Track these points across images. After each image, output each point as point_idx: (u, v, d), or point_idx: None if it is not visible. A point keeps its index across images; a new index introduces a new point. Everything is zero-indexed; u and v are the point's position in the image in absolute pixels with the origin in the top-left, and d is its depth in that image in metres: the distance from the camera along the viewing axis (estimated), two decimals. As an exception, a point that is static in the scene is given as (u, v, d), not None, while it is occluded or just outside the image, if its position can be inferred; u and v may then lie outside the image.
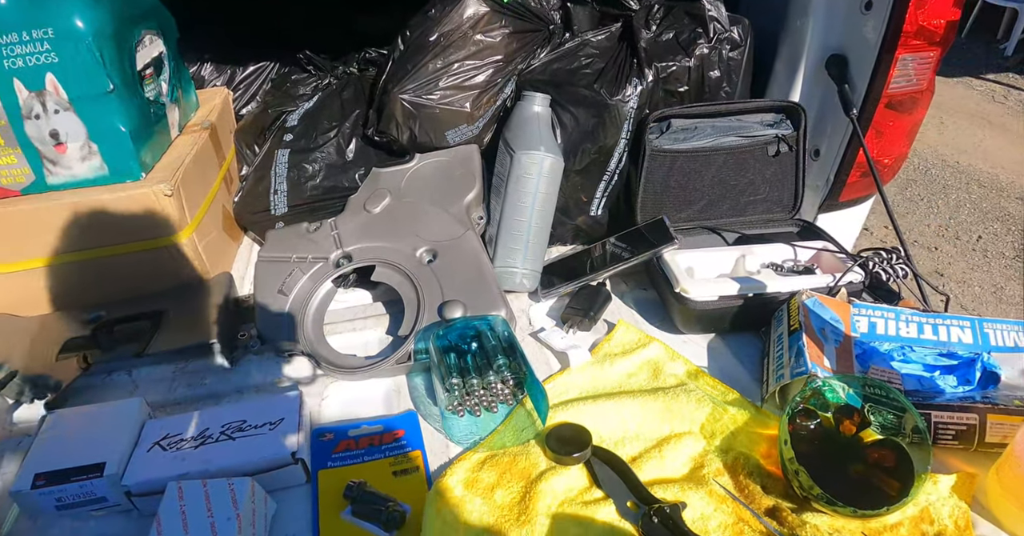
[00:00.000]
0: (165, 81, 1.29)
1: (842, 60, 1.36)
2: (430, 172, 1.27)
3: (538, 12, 1.33)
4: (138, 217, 1.14)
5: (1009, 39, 4.87)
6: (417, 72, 1.25)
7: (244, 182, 1.39)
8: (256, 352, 1.13)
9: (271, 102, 1.49)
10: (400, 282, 1.14)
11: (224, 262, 1.33)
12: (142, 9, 1.23)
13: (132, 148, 1.14)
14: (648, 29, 1.30)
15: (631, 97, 1.22)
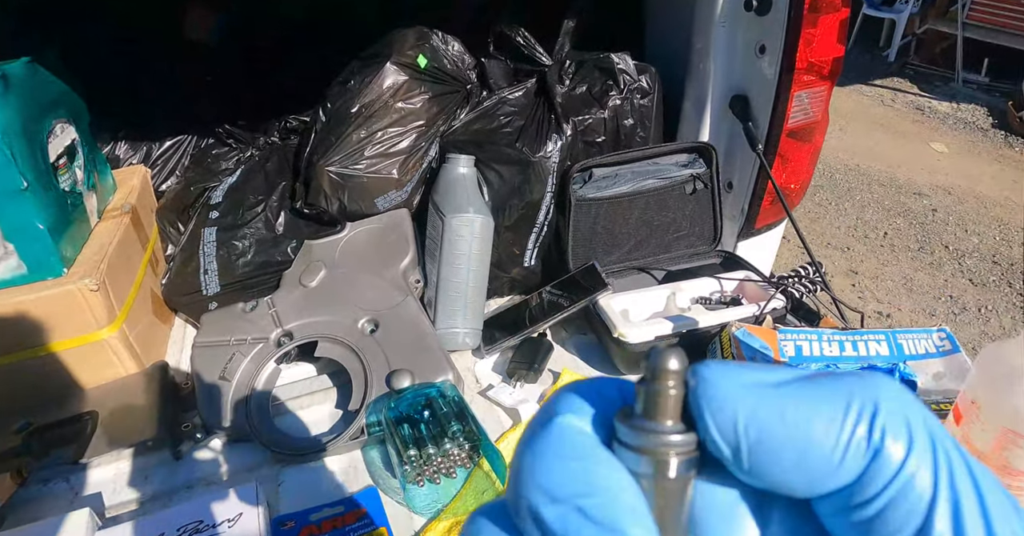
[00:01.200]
0: (80, 168, 1.26)
1: (744, 100, 1.45)
2: (363, 240, 1.28)
3: (454, 74, 1.37)
4: (63, 315, 1.10)
5: (891, 46, 5.26)
6: (341, 143, 1.26)
7: (171, 263, 1.36)
8: (202, 442, 1.10)
9: (192, 178, 1.46)
10: (344, 355, 1.14)
11: (157, 349, 1.29)
12: (51, 98, 1.20)
13: (52, 244, 1.10)
14: (562, 84, 1.36)
15: (553, 152, 1.27)
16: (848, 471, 0.16)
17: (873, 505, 0.16)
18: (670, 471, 0.17)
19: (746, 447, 0.16)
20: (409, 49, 1.33)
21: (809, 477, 0.16)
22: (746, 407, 0.16)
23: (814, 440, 0.16)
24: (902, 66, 5.14)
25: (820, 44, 1.42)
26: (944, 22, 4.96)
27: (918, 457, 0.16)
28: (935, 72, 5.02)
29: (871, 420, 0.16)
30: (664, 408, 0.17)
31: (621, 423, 0.18)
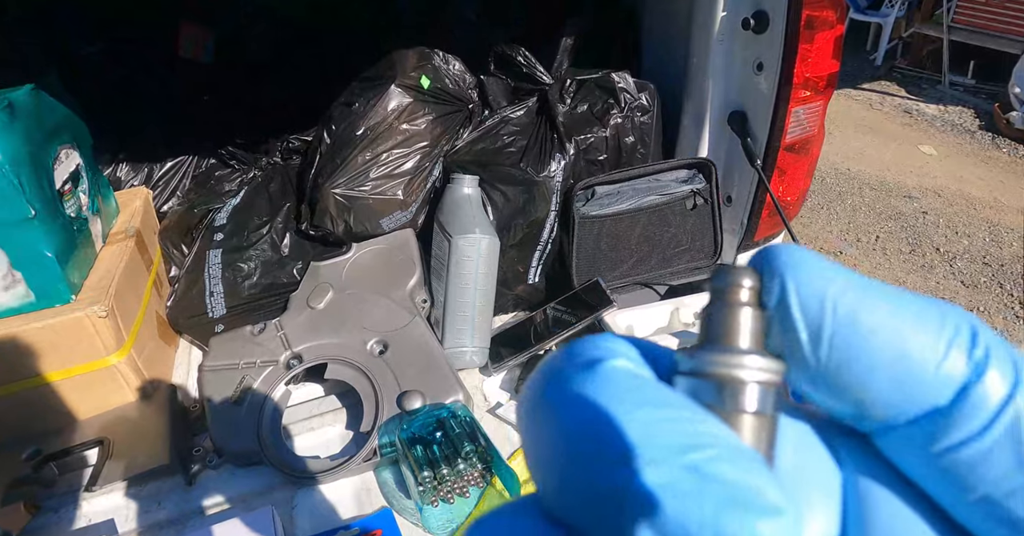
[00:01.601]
0: (84, 193, 1.26)
1: (742, 116, 1.47)
2: (369, 261, 1.29)
3: (457, 94, 1.38)
4: (72, 342, 1.10)
5: (878, 50, 5.31)
6: (347, 165, 1.27)
7: (176, 285, 1.36)
8: (214, 467, 1.10)
9: (195, 200, 1.47)
10: (354, 377, 1.15)
11: (164, 371, 1.29)
12: (55, 124, 1.20)
13: (59, 271, 1.10)
14: (563, 103, 1.37)
15: (556, 171, 1.29)
16: (945, 386, 0.13)
17: (981, 441, 0.13)
18: (749, 401, 0.14)
19: (830, 328, 0.14)
20: (412, 70, 1.34)
21: (898, 386, 0.13)
22: (837, 285, 0.14)
23: (910, 338, 0.13)
24: (889, 69, 5.20)
25: (816, 60, 1.44)
26: (930, 25, 5.02)
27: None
28: (922, 75, 5.08)
29: (972, 337, 0.13)
30: (740, 328, 0.14)
31: (686, 355, 0.14)
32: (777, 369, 0.14)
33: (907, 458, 0.14)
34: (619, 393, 0.13)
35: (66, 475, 1.11)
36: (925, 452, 0.13)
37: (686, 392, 0.14)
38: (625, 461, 0.12)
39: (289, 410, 1.18)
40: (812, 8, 1.38)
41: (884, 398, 0.13)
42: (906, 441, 0.14)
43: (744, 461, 0.12)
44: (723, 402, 0.14)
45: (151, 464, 1.07)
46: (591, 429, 0.13)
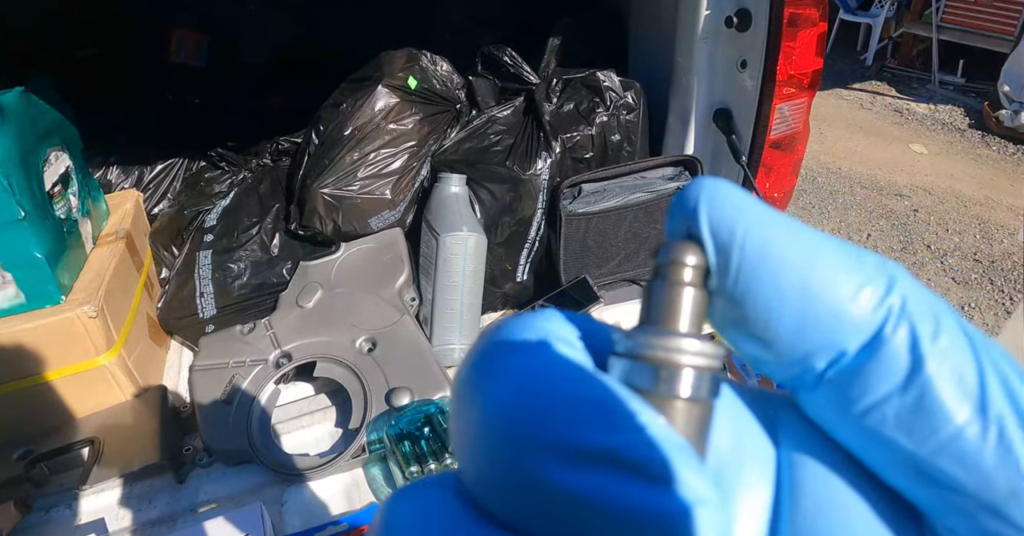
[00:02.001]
0: (74, 195, 1.27)
1: (727, 113, 1.48)
2: (358, 260, 1.30)
3: (444, 94, 1.39)
4: (62, 343, 1.11)
5: (868, 50, 5.35)
6: (335, 165, 1.28)
7: (166, 286, 1.37)
8: (204, 465, 1.11)
9: (186, 202, 1.47)
10: (343, 375, 1.16)
11: (155, 372, 1.30)
12: (45, 126, 1.21)
13: (49, 272, 1.11)
14: (550, 102, 1.39)
15: (543, 170, 1.30)
16: (853, 331, 0.12)
17: (890, 400, 0.12)
18: (684, 386, 0.13)
19: (737, 258, 0.13)
20: (399, 71, 1.35)
21: (803, 327, 0.13)
22: (750, 215, 0.13)
23: (819, 276, 0.13)
24: (880, 69, 5.23)
25: (799, 58, 1.45)
26: (919, 25, 5.06)
27: (950, 338, 0.12)
28: (912, 74, 5.11)
29: (888, 283, 0.13)
30: (680, 310, 0.14)
31: (623, 335, 0.14)
32: (715, 354, 0.13)
33: (828, 418, 0.13)
34: (547, 377, 0.12)
35: (57, 475, 1.12)
36: (841, 410, 0.13)
37: (621, 375, 0.13)
38: (545, 450, 0.11)
39: (279, 409, 1.19)
40: (795, 6, 1.40)
41: (789, 339, 0.13)
42: (823, 399, 0.13)
43: (668, 450, 0.11)
44: (657, 387, 0.13)
45: (142, 463, 1.08)
46: (511, 414, 0.12)
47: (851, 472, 0.14)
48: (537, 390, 0.12)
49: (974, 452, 0.12)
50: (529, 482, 0.11)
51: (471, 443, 0.12)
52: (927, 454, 0.12)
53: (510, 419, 0.12)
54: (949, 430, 0.12)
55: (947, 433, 0.12)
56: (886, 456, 0.13)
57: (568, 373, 0.12)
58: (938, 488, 0.12)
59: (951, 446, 0.12)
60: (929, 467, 0.12)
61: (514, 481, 0.11)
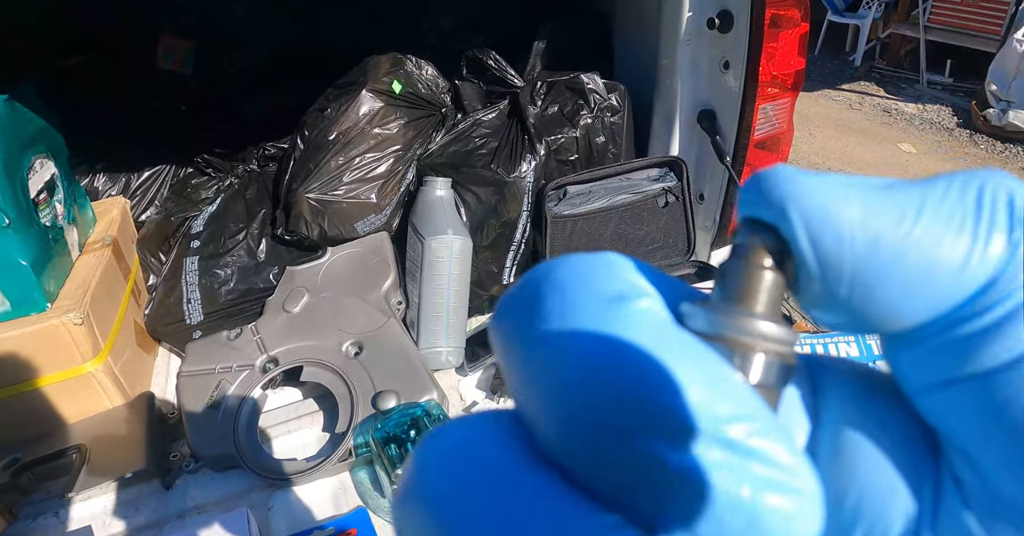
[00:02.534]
0: (60, 202, 1.27)
1: (711, 114, 1.49)
2: (344, 264, 1.30)
3: (429, 98, 1.40)
4: (48, 350, 1.11)
5: (856, 51, 5.38)
6: (320, 170, 1.29)
7: (154, 293, 1.37)
8: (191, 471, 1.11)
9: (172, 209, 1.48)
10: (330, 379, 1.16)
11: (142, 379, 1.30)
12: (30, 134, 1.21)
13: (34, 280, 1.11)
14: (534, 104, 1.39)
15: (527, 172, 1.30)
16: (972, 280, 0.11)
17: (982, 320, 0.11)
18: (755, 372, 0.12)
19: (850, 267, 0.12)
20: (384, 75, 1.36)
21: (932, 293, 0.11)
22: (853, 201, 0.12)
23: (943, 242, 0.11)
24: (868, 70, 5.26)
25: (782, 58, 1.46)
26: (907, 26, 5.09)
27: None
28: (900, 75, 5.14)
29: (1009, 207, 0.11)
30: (757, 292, 0.13)
31: (696, 310, 0.13)
32: (790, 340, 0.13)
33: (908, 354, 0.12)
34: (652, 342, 0.11)
35: (44, 483, 1.12)
36: (927, 343, 0.12)
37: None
38: (660, 425, 0.10)
39: (267, 414, 1.19)
40: (776, 7, 1.41)
41: (918, 313, 0.12)
42: (913, 336, 0.12)
43: (782, 438, 0.11)
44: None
45: (129, 470, 1.08)
46: (618, 377, 0.11)
47: (902, 456, 0.13)
48: (646, 356, 0.11)
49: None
50: (639, 458, 0.11)
51: (567, 397, 0.11)
52: (974, 377, 0.11)
53: (619, 384, 0.11)
54: (1010, 355, 0.11)
55: (1007, 357, 0.11)
56: (933, 378, 0.12)
57: (673, 342, 0.11)
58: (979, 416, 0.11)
59: (1009, 372, 0.11)
60: (976, 392, 0.11)
61: (620, 453, 0.11)
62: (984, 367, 0.11)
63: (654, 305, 0.12)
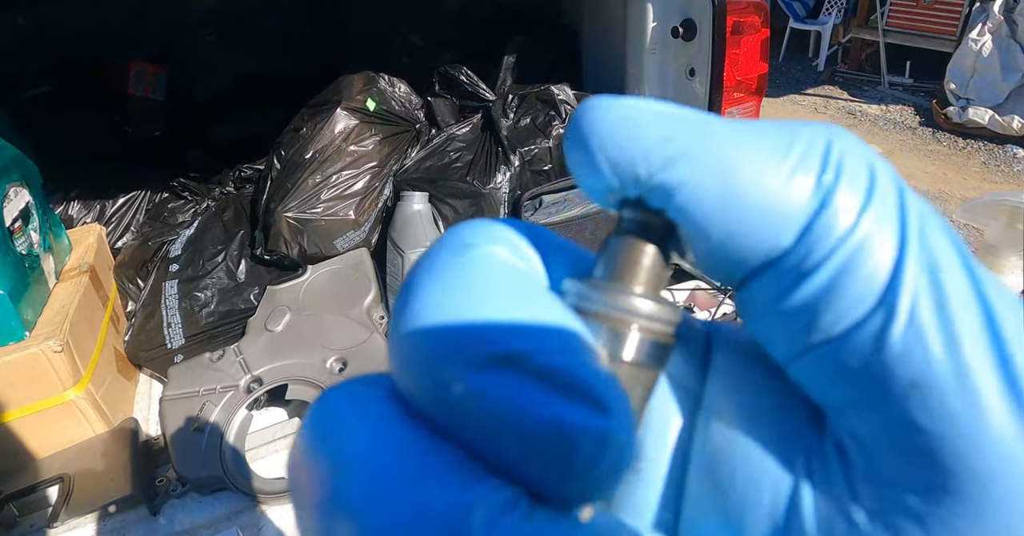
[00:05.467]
0: (35, 230, 1.26)
1: (679, 120, 1.53)
2: (325, 281, 1.31)
3: (403, 114, 1.42)
4: (28, 379, 1.10)
5: (819, 56, 5.52)
6: (298, 189, 1.29)
7: (133, 319, 1.36)
8: (178, 495, 1.10)
9: (149, 233, 1.47)
10: (315, 396, 1.16)
11: (124, 406, 1.29)
12: (3, 163, 1.20)
13: (12, 309, 1.10)
14: (507, 117, 1.42)
15: (502, 183, 1.32)
16: (789, 218, 0.11)
17: (816, 278, 0.11)
18: (628, 349, 0.12)
19: (648, 174, 0.12)
20: (357, 94, 1.37)
21: (734, 225, 0.11)
22: (655, 125, 0.12)
23: (744, 165, 0.11)
24: (831, 74, 5.39)
25: (745, 63, 1.51)
26: (866, 30, 5.23)
27: (877, 213, 0.11)
28: (863, 77, 5.27)
29: (823, 157, 0.11)
30: (639, 268, 0.13)
31: (576, 285, 0.13)
32: (665, 319, 0.13)
33: (753, 318, 0.12)
34: (477, 281, 0.12)
35: (27, 516, 1.10)
36: (777, 305, 0.12)
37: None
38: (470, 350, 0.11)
39: (253, 435, 1.19)
40: (737, 14, 1.46)
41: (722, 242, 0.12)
42: (759, 298, 0.12)
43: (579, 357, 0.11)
44: (602, 346, 0.12)
45: (114, 497, 1.06)
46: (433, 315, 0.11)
47: (765, 387, 0.13)
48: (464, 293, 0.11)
49: (878, 338, 0.11)
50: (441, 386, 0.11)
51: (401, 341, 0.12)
52: (826, 342, 0.11)
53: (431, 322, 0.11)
54: (853, 316, 0.11)
55: (851, 320, 0.11)
56: (792, 346, 0.12)
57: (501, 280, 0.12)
58: (839, 381, 0.11)
59: (857, 334, 0.11)
60: (831, 356, 0.11)
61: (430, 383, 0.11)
62: (828, 335, 0.11)
63: (498, 251, 0.12)
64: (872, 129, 4.57)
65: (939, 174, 3.91)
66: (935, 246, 0.11)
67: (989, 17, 4.08)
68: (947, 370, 0.10)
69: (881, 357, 0.11)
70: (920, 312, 0.11)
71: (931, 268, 0.11)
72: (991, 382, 0.10)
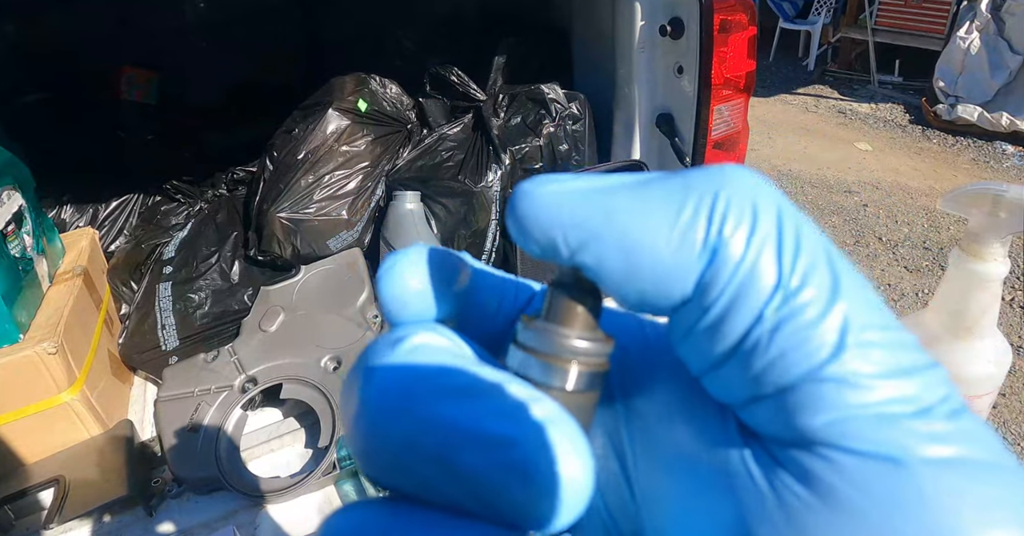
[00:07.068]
0: (28, 234, 1.26)
1: (669, 117, 1.54)
2: (319, 282, 1.31)
3: (395, 115, 1.43)
4: (22, 381, 1.10)
5: (809, 56, 5.56)
6: (290, 189, 1.30)
7: (127, 322, 1.36)
8: (174, 496, 1.10)
9: (142, 236, 1.47)
10: (310, 395, 1.16)
11: (119, 408, 1.29)
12: (-6, 167, 1.21)
13: (6, 311, 1.10)
14: (497, 117, 1.43)
15: (494, 182, 1.33)
16: (686, 275, 0.13)
17: (712, 312, 0.13)
18: (570, 381, 0.15)
19: (567, 255, 0.14)
20: (349, 95, 1.38)
21: (641, 286, 0.13)
22: (568, 210, 0.14)
23: (641, 240, 0.13)
24: (821, 73, 5.43)
25: (732, 60, 1.52)
26: (856, 29, 5.27)
27: (759, 245, 0.13)
28: (852, 76, 5.31)
29: (709, 212, 0.13)
30: (575, 310, 0.15)
31: (524, 326, 0.15)
32: (600, 352, 0.15)
33: (686, 354, 0.14)
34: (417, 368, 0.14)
35: (22, 519, 1.10)
36: (692, 339, 0.14)
37: (516, 365, 0.15)
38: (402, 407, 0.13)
39: (248, 435, 1.19)
40: (724, 12, 1.47)
41: (635, 298, 0.14)
42: (677, 333, 0.14)
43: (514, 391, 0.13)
44: (546, 380, 0.15)
45: (109, 498, 1.07)
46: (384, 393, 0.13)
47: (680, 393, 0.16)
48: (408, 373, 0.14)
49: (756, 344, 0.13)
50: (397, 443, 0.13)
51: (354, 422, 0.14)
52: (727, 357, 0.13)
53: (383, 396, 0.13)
54: (740, 332, 0.13)
55: (739, 334, 0.13)
56: (702, 363, 0.14)
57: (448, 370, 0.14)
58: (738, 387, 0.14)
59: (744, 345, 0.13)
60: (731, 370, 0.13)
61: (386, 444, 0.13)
62: (713, 358, 0.13)
63: (425, 338, 0.15)
64: (863, 127, 4.60)
65: (929, 171, 3.94)
66: (807, 255, 0.13)
67: (977, 15, 4.12)
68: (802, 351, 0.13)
69: (757, 363, 0.13)
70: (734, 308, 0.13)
71: (804, 272, 0.13)
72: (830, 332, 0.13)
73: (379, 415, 0.13)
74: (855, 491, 0.12)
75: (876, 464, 0.12)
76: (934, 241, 3.29)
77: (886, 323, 0.13)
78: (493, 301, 0.18)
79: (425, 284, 0.16)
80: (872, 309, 0.13)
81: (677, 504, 0.15)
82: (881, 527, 0.12)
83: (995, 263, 0.81)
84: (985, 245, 0.81)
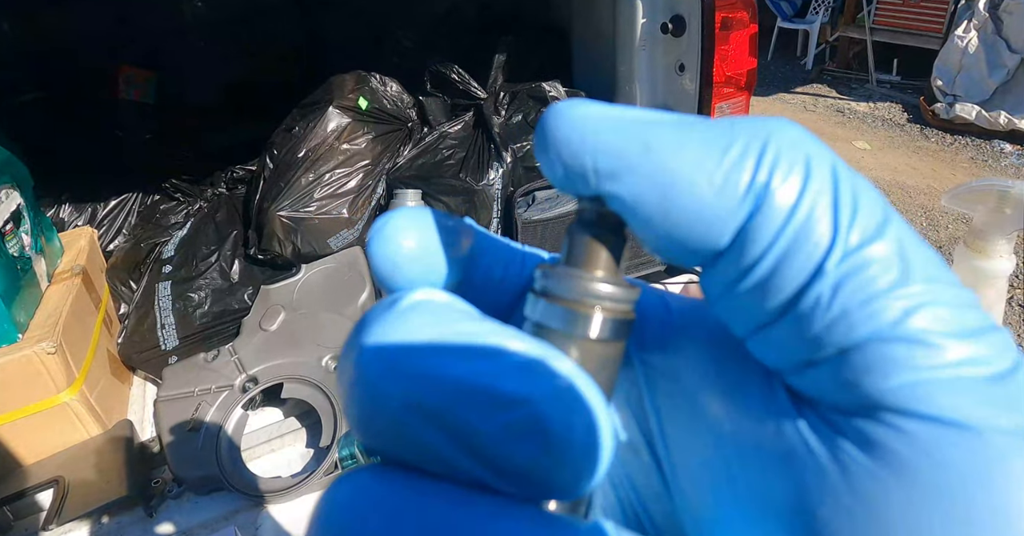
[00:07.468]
0: (27, 233, 1.25)
1: (670, 116, 1.54)
2: (319, 280, 1.30)
3: (395, 113, 1.42)
4: (21, 381, 1.09)
5: (807, 55, 5.56)
6: (291, 188, 1.29)
7: (126, 321, 1.36)
8: (174, 496, 1.10)
9: (141, 235, 1.47)
10: (311, 394, 1.16)
11: (119, 408, 1.28)
12: (-7, 166, 1.20)
13: (5, 311, 1.10)
14: (498, 114, 1.42)
15: (495, 180, 1.33)
16: (726, 220, 0.12)
17: (760, 267, 0.12)
18: (593, 328, 0.14)
19: (596, 183, 0.13)
20: (349, 93, 1.38)
21: (675, 227, 0.12)
22: (604, 137, 0.13)
23: (681, 176, 0.12)
24: (820, 73, 5.42)
25: (734, 58, 1.52)
26: (854, 28, 5.27)
27: (813, 197, 0.12)
28: (851, 75, 5.30)
29: (758, 157, 0.12)
30: (598, 254, 0.14)
31: (542, 273, 0.14)
32: (625, 298, 0.14)
33: (720, 304, 0.13)
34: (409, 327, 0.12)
35: (22, 520, 1.09)
36: (731, 293, 0.13)
37: (537, 314, 0.14)
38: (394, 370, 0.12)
39: (249, 435, 1.18)
40: (726, 10, 1.46)
41: (663, 240, 0.13)
42: (714, 285, 0.13)
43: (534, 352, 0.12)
44: (568, 328, 0.14)
45: (109, 499, 1.06)
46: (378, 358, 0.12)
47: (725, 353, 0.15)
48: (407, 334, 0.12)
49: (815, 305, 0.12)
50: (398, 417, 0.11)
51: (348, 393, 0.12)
52: (774, 319, 0.12)
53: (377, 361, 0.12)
54: (794, 289, 0.12)
55: (792, 292, 0.12)
56: (746, 325, 0.13)
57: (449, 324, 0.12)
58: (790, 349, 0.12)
59: (798, 305, 0.12)
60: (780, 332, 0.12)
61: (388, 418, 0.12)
62: (774, 312, 0.12)
63: (423, 294, 0.13)
64: (861, 126, 4.60)
65: (927, 170, 3.94)
66: (864, 222, 0.12)
67: (975, 14, 4.12)
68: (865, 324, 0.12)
69: (817, 322, 0.12)
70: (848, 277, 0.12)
71: (864, 227, 0.12)
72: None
73: (376, 375, 0.12)
74: (927, 461, 0.11)
75: (950, 432, 0.11)
76: (933, 240, 3.29)
77: (951, 280, 0.12)
78: (498, 269, 0.16)
79: (422, 246, 0.15)
80: (936, 267, 0.12)
81: (717, 484, 0.14)
82: (955, 499, 0.11)
83: (1000, 259, 0.81)
84: (990, 242, 0.80)
